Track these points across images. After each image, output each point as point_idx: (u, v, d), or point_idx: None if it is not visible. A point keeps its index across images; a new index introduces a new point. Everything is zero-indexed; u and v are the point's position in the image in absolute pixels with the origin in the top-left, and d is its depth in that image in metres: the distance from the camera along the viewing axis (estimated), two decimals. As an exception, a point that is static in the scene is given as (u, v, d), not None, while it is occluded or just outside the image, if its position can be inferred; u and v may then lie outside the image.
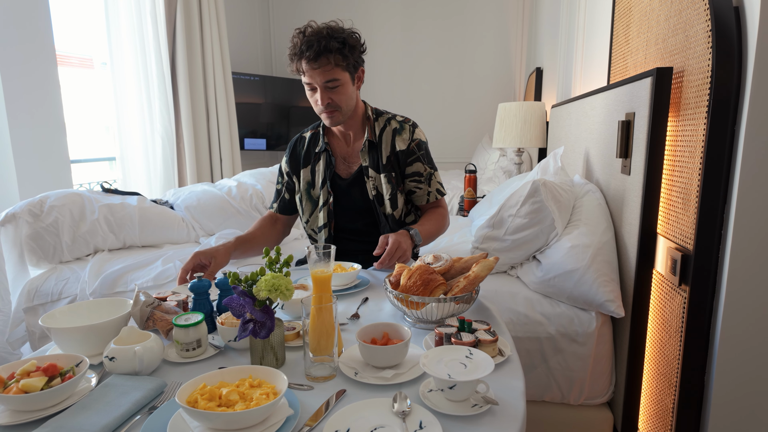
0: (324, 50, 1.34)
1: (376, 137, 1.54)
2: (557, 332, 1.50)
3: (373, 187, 1.53)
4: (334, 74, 1.38)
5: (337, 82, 1.40)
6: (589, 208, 1.61)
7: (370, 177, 1.53)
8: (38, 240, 1.80)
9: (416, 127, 1.57)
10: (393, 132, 1.54)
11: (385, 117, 1.57)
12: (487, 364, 0.82)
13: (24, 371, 0.82)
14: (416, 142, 1.54)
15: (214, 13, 3.39)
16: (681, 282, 1.21)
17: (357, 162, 1.56)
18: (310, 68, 1.37)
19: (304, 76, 1.41)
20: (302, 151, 1.61)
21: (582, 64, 2.47)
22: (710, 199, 1.13)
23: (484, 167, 3.91)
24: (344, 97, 1.43)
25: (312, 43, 1.34)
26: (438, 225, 1.55)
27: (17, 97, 2.20)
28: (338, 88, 1.41)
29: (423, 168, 1.55)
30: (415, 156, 1.54)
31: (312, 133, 1.62)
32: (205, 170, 3.46)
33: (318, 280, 0.96)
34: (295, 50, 1.38)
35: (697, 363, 1.20)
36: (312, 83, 1.40)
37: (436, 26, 4.48)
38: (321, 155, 1.57)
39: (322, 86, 1.40)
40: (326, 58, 1.35)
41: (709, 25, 1.12)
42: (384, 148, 1.53)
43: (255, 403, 0.73)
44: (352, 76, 1.44)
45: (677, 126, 1.28)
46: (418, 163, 1.55)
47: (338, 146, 1.59)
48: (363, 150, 1.53)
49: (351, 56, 1.40)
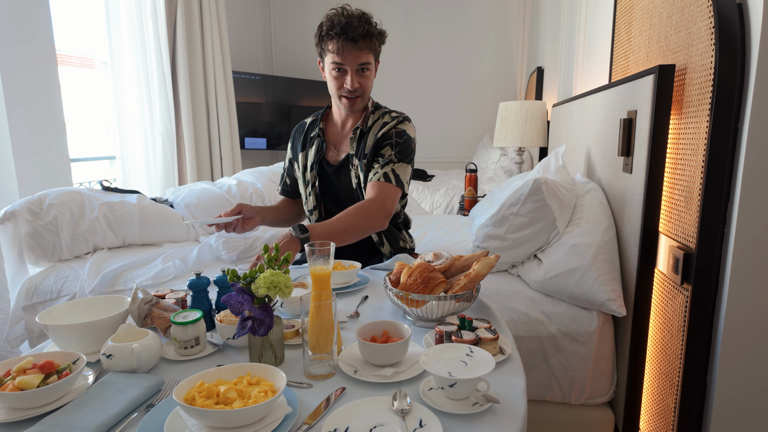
0: (366, 34, 1.37)
1: (366, 127, 1.53)
2: (558, 331, 1.49)
3: (356, 176, 1.52)
4: (368, 58, 1.41)
5: (369, 66, 1.43)
6: (591, 206, 1.60)
7: (354, 165, 1.52)
8: (37, 238, 1.79)
9: (405, 121, 1.53)
10: (383, 124, 1.52)
11: (381, 110, 1.56)
12: (488, 362, 0.81)
13: (20, 368, 0.81)
14: (396, 130, 1.48)
15: (215, 12, 3.39)
16: (683, 281, 1.20)
17: (346, 150, 1.56)
18: (349, 49, 1.37)
19: (336, 55, 1.38)
20: (301, 136, 1.64)
21: (583, 63, 2.46)
22: (713, 198, 1.12)
23: (484, 166, 3.90)
24: (370, 82, 1.47)
25: (355, 25, 1.35)
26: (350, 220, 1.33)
27: (17, 95, 2.20)
28: (367, 73, 1.43)
29: (389, 153, 1.46)
30: (389, 141, 1.47)
31: (313, 119, 1.65)
32: (206, 169, 3.46)
33: (317, 277, 0.95)
34: (335, 29, 1.35)
35: (699, 362, 1.19)
36: (344, 65, 1.39)
37: (437, 25, 4.47)
38: (314, 140, 1.59)
39: (356, 69, 1.40)
40: (366, 42, 1.37)
41: (711, 22, 1.11)
42: (370, 138, 1.51)
43: (253, 401, 0.73)
44: (375, 65, 1.48)
45: (679, 124, 1.27)
46: (388, 147, 1.47)
47: (332, 133, 1.60)
48: (352, 138, 1.52)
49: (380, 46, 1.45)
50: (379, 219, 1.38)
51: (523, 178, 2.23)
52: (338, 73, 1.42)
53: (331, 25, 1.37)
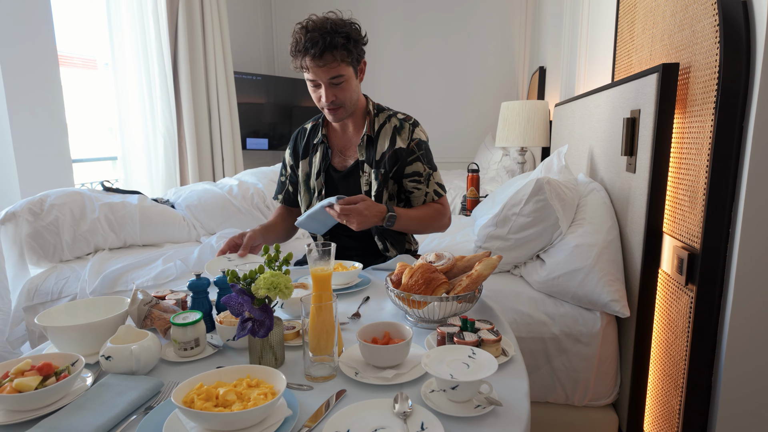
0: (329, 47, 1.32)
1: (374, 132, 1.52)
2: (561, 332, 1.48)
3: (366, 182, 1.51)
4: (339, 70, 1.36)
5: (342, 78, 1.38)
6: (594, 206, 1.59)
7: (365, 172, 1.51)
8: (38, 239, 1.79)
9: (417, 126, 1.54)
10: (393, 130, 1.51)
11: (386, 113, 1.55)
12: (491, 364, 0.80)
13: (18, 370, 0.80)
14: (416, 142, 1.51)
15: (216, 12, 3.39)
16: (688, 281, 1.19)
17: (353, 156, 1.55)
18: (315, 65, 1.34)
19: (307, 72, 1.38)
20: (302, 142, 1.61)
21: (586, 62, 2.45)
22: (718, 197, 1.11)
23: (486, 166, 3.89)
24: (348, 93, 1.42)
25: (316, 40, 1.31)
26: (429, 215, 1.52)
27: (19, 96, 2.20)
28: (342, 84, 1.39)
29: (422, 168, 1.52)
30: (414, 155, 1.51)
31: (313, 125, 1.62)
32: (207, 170, 3.46)
33: (318, 278, 0.94)
34: (298, 47, 1.34)
35: (704, 364, 1.18)
36: (316, 80, 1.38)
37: (438, 24, 4.46)
38: (318, 147, 1.57)
39: (327, 83, 1.38)
40: (331, 55, 1.33)
41: (716, 20, 1.10)
42: (380, 144, 1.51)
43: (253, 403, 0.72)
44: (355, 70, 1.43)
45: (683, 123, 1.26)
46: (418, 162, 1.52)
47: (336, 139, 1.58)
48: (361, 144, 1.51)
49: (355, 50, 1.38)
50: (446, 222, 1.57)
51: (526, 178, 2.22)
52: (314, 88, 1.42)
53: (295, 43, 1.35)
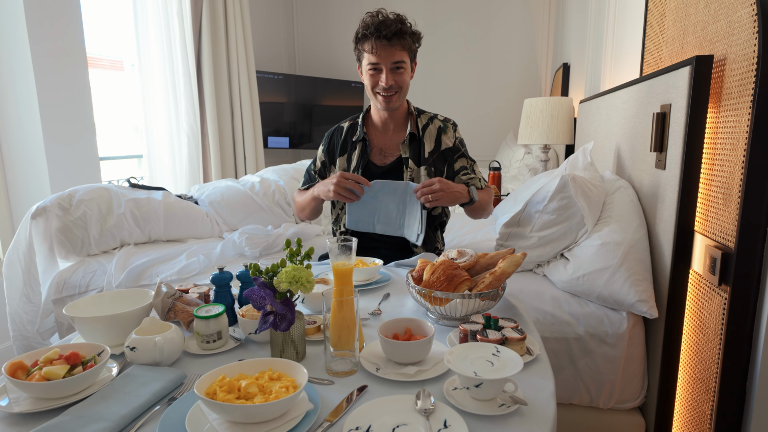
0: (399, 33, 1.44)
1: (419, 131, 1.60)
2: (586, 333, 1.45)
3: (410, 178, 1.58)
4: (402, 56, 1.47)
5: (403, 64, 1.49)
6: (621, 204, 1.54)
7: (409, 168, 1.58)
8: (67, 233, 1.84)
9: (457, 126, 1.67)
10: (438, 130, 1.61)
11: (427, 115, 1.65)
12: (516, 362, 0.78)
13: (47, 359, 0.82)
14: (459, 140, 1.64)
15: (239, 12, 3.42)
16: (721, 282, 1.15)
17: (394, 153, 1.61)
18: (383, 47, 1.44)
19: (371, 55, 1.46)
20: (339, 140, 1.66)
21: (612, 58, 2.39)
22: (754, 194, 1.06)
23: (508, 165, 3.83)
24: (406, 80, 1.52)
25: (389, 24, 1.43)
26: (488, 199, 1.62)
27: (50, 97, 2.26)
28: (402, 71, 1.49)
29: (467, 162, 1.64)
30: (460, 153, 1.63)
31: (350, 124, 1.67)
32: (230, 167, 3.50)
33: (339, 272, 0.93)
34: (369, 29, 1.44)
35: (738, 368, 1.13)
36: (379, 63, 1.46)
37: (460, 20, 4.42)
38: (357, 144, 1.62)
39: (390, 67, 1.47)
40: (399, 40, 1.45)
41: (754, 9, 1.05)
42: (427, 143, 1.60)
43: (274, 396, 0.72)
44: (411, 64, 1.54)
45: (717, 117, 1.21)
46: (463, 158, 1.64)
47: (376, 137, 1.63)
48: (404, 143, 1.59)
49: (415, 45, 1.51)
50: (492, 209, 1.68)
51: (549, 176, 2.17)
52: (374, 72, 1.49)
53: (365, 27, 1.46)
